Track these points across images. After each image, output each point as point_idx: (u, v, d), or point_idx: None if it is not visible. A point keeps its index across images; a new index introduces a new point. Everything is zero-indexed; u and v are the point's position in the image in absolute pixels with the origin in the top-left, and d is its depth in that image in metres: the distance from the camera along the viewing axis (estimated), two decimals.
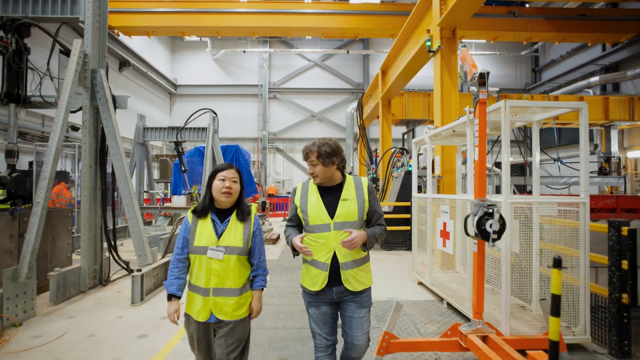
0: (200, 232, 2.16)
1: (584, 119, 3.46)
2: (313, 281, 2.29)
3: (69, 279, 4.93)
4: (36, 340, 3.59)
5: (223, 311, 2.13)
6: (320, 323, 2.33)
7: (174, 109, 23.24)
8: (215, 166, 2.26)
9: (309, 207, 2.31)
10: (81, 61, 5.07)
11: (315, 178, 2.33)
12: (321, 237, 2.27)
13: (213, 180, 2.19)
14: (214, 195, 2.18)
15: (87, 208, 5.30)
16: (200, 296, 2.13)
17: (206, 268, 2.13)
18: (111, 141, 5.27)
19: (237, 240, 2.16)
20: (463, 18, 6.34)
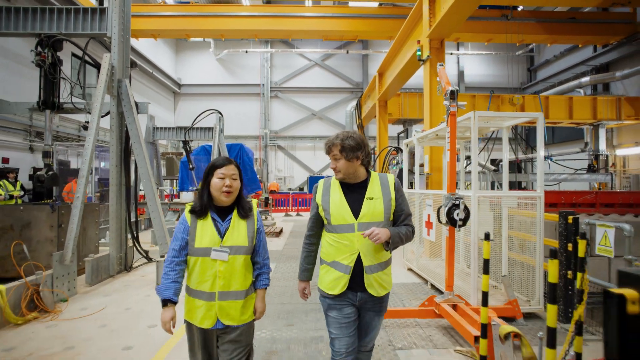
0: (201, 233, 2.00)
1: (540, 127, 4.14)
2: (333, 284, 2.14)
3: (101, 264, 5.64)
4: (83, 312, 4.30)
5: (230, 316, 2.01)
6: (344, 327, 2.15)
7: (178, 107, 23.89)
8: (213, 161, 2.07)
9: (332, 206, 2.15)
10: (109, 72, 5.75)
11: (337, 173, 2.18)
12: (344, 237, 2.12)
13: (211, 178, 2.02)
14: (212, 193, 2.01)
15: (114, 202, 6.00)
16: (204, 301, 1.98)
17: (210, 271, 1.98)
18: (135, 143, 5.96)
19: (241, 239, 2.03)
20: (450, 30, 7.00)
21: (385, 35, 16.35)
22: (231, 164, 2.06)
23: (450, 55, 24.17)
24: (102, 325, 3.95)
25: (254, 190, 14.32)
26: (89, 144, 5.24)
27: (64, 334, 3.69)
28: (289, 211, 17.32)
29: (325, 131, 23.74)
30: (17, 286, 4.03)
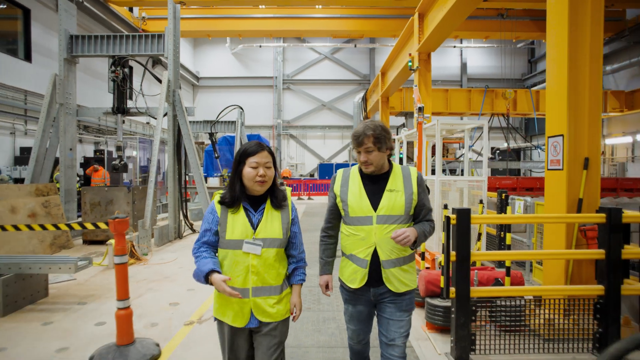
0: (232, 224, 1.84)
1: (485, 132, 5.77)
2: (352, 277, 2.09)
3: (163, 231, 7.48)
4: (162, 260, 6.15)
5: (266, 312, 1.86)
6: (355, 320, 2.17)
7: (196, 99, 25.63)
8: (244, 147, 1.88)
9: (350, 196, 2.09)
10: (167, 85, 7.49)
11: (368, 167, 2.07)
12: (361, 230, 2.05)
13: (243, 166, 1.84)
14: (245, 183, 1.85)
15: (171, 185, 7.81)
16: (237, 299, 1.82)
17: (242, 265, 1.83)
18: (186, 139, 7.73)
19: (275, 231, 1.87)
20: (435, 45, 8.55)
21: (389, 33, 17.81)
22: (264, 151, 1.86)
23: (453, 48, 25.39)
24: (179, 267, 5.79)
25: None
26: (156, 140, 7.02)
27: (157, 270, 5.53)
28: (301, 195, 19.14)
29: (334, 121, 25.34)
30: None
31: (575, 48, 3.57)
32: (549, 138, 3.73)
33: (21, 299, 4.00)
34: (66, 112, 7.60)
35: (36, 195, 6.51)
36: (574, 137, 3.54)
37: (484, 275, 3.64)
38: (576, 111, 3.55)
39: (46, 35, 11.69)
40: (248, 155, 1.83)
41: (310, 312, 4.05)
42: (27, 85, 10.76)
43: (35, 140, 7.26)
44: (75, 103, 7.83)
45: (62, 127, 7.55)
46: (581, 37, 3.57)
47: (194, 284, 5.06)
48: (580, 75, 3.56)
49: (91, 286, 4.82)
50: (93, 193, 7.26)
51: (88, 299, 4.33)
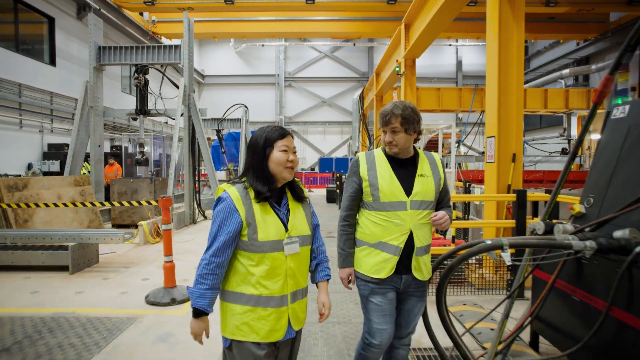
0: (263, 223, 1.57)
1: (453, 131, 6.88)
2: (378, 267, 1.98)
3: (180, 217, 8.65)
4: (182, 240, 7.32)
5: (299, 319, 1.67)
6: (388, 314, 2.02)
7: (202, 96, 26.75)
8: (268, 132, 1.64)
9: (380, 180, 1.99)
10: (183, 89, 8.61)
11: (392, 147, 2.00)
12: (396, 216, 1.96)
13: (270, 151, 1.61)
14: (273, 169, 1.61)
15: (187, 177, 8.97)
16: (273, 309, 1.57)
17: (281, 269, 1.58)
18: (200, 137, 8.87)
19: (304, 227, 1.69)
20: (419, 52, 9.62)
21: (385, 34, 18.80)
22: (290, 135, 1.68)
23: (449, 47, 26.32)
24: (197, 245, 6.97)
25: None
26: (175, 138, 8.17)
27: (180, 247, 6.70)
28: None
29: (334, 117, 26.43)
30: (148, 223, 7.05)
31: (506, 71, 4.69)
32: (487, 138, 4.85)
33: (82, 263, 5.19)
34: (95, 114, 8.74)
35: (75, 185, 7.68)
36: (505, 137, 4.66)
37: (435, 243, 4.78)
38: (506, 118, 4.68)
39: (68, 41, 12.82)
40: (277, 138, 1.62)
41: None
42: (52, 87, 11.91)
43: (72, 138, 8.42)
44: (102, 105, 8.97)
45: (92, 127, 8.70)
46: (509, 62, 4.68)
47: None
48: (508, 93, 4.68)
49: (130, 257, 5.99)
50: (120, 184, 8.43)
51: (130, 265, 5.51)
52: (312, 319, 3.68)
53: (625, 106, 2.82)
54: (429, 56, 25.60)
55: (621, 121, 2.80)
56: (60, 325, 3.48)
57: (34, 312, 3.79)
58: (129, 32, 16.10)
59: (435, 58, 26.07)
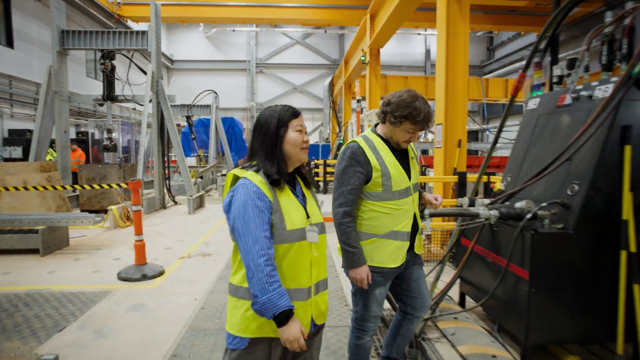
0: (288, 209, 1.45)
1: None
2: (393, 256, 1.96)
3: (150, 202, 8.80)
4: (152, 224, 7.51)
5: (321, 312, 1.57)
6: (382, 302, 2.07)
7: (171, 81, 26.24)
8: (279, 110, 1.50)
9: (390, 169, 1.92)
10: (151, 76, 8.66)
11: (406, 144, 2.00)
12: (405, 203, 1.95)
13: (285, 131, 1.48)
14: (289, 151, 1.48)
15: (156, 163, 9.08)
16: (300, 302, 1.45)
17: (307, 258, 1.48)
18: (168, 123, 8.97)
19: (319, 215, 1.59)
20: (383, 42, 10.01)
21: (355, 22, 18.93)
22: (301, 114, 1.56)
23: (418, 36, 26.88)
24: (167, 228, 7.19)
25: (244, 156, 17.47)
26: (143, 124, 8.26)
27: (150, 230, 6.90)
28: None
29: (305, 104, 26.60)
30: (118, 207, 7.20)
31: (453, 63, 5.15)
32: (436, 125, 5.32)
33: (52, 245, 5.35)
34: (60, 99, 8.65)
35: (41, 172, 7.67)
36: (451, 124, 5.14)
37: None
38: (452, 107, 5.15)
39: (26, 22, 12.37)
40: (291, 117, 1.50)
41: None
42: (10, 70, 11.52)
43: (36, 124, 8.34)
44: (67, 90, 8.88)
45: (57, 112, 8.62)
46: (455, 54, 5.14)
47: (182, 236, 6.49)
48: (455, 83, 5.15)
49: (100, 240, 6.17)
50: (88, 170, 8.46)
51: (101, 247, 5.71)
52: None
53: (536, 99, 3.31)
54: (399, 45, 26.12)
55: (533, 112, 3.28)
56: (35, 300, 3.71)
57: (8, 289, 3.99)
58: (93, 14, 15.64)
59: (404, 47, 26.60)
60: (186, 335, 3.04)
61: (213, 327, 3.19)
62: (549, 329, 2.51)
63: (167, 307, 3.58)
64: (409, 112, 1.89)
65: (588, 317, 2.52)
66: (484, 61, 28.29)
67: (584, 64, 2.93)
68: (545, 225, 2.52)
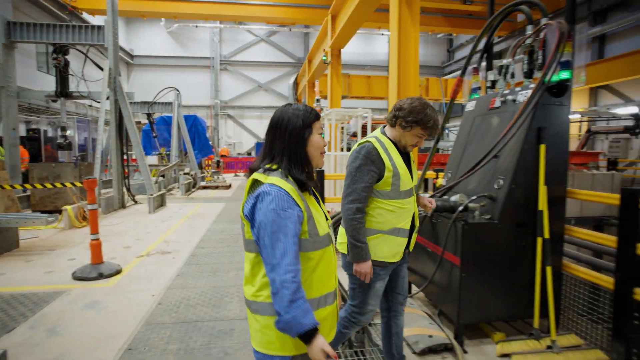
0: (316, 214, 1.41)
1: (369, 119, 7.59)
2: (394, 251, 2.09)
3: (109, 201, 8.59)
4: (110, 224, 7.36)
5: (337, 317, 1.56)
6: (380, 296, 2.20)
7: (131, 77, 25.39)
8: (302, 110, 1.41)
9: (400, 169, 2.05)
10: (108, 72, 8.44)
11: (412, 148, 2.13)
12: (408, 202, 2.10)
13: (309, 134, 1.40)
14: (312, 154, 1.42)
15: (115, 161, 8.87)
16: (331, 306, 1.46)
17: (333, 264, 1.47)
18: (127, 121, 8.78)
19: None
20: (344, 43, 10.26)
21: (319, 22, 19.11)
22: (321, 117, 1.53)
23: (381, 36, 27.47)
24: (126, 227, 7.08)
25: (207, 155, 17.27)
26: (101, 122, 8.05)
27: (108, 230, 6.78)
28: (238, 172, 20.48)
29: (270, 102, 26.55)
30: (74, 207, 7.00)
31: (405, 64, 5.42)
32: None
33: (0, 247, 5.16)
34: (8, 95, 8.25)
35: None
36: None
37: None
38: None
39: None
40: (314, 119, 1.42)
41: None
42: None
43: None
44: (15, 85, 8.48)
45: (4, 109, 8.21)
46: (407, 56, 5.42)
47: (142, 235, 6.43)
48: (407, 83, 5.43)
49: (54, 241, 6.00)
50: (41, 169, 8.15)
51: (55, 248, 5.56)
52: (229, 284, 4.19)
53: (473, 101, 3.61)
54: (363, 44, 26.60)
55: (470, 113, 3.58)
56: None
57: None
58: (44, 4, 14.90)
59: (368, 46, 27.11)
60: (142, 329, 3.10)
61: (169, 320, 3.27)
62: (478, 310, 2.79)
63: (123, 303, 3.61)
64: (421, 118, 2.02)
65: (511, 297, 2.83)
66: (445, 62, 29.35)
67: (510, 71, 3.24)
68: (475, 217, 2.80)
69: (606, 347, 2.58)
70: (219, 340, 2.98)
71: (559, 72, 2.70)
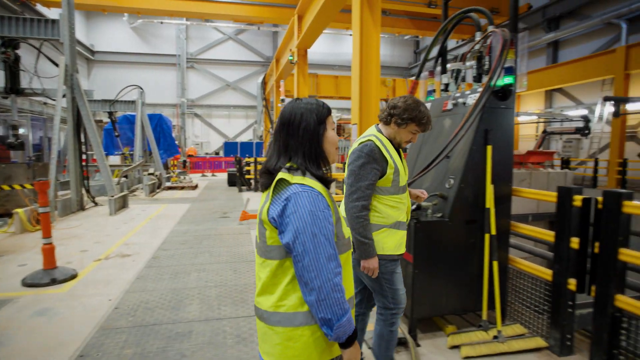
0: (339, 215, 1.35)
1: (334, 118, 7.67)
2: (399, 243, 2.17)
3: (66, 203, 8.23)
4: (68, 227, 7.07)
5: None
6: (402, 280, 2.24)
7: (92, 74, 24.36)
8: (314, 104, 1.33)
9: (400, 167, 2.13)
10: (64, 69, 8.08)
11: (407, 144, 2.22)
12: (405, 197, 2.20)
13: (324, 130, 1.32)
14: (328, 150, 1.34)
15: (72, 162, 8.50)
16: (352, 311, 1.37)
17: (351, 264, 1.40)
18: (86, 120, 8.44)
19: None
20: (310, 43, 10.29)
21: (287, 21, 19.09)
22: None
23: (350, 37, 27.73)
24: (85, 230, 6.82)
25: (173, 154, 16.85)
26: (57, 120, 7.69)
27: (65, 233, 6.50)
28: (205, 172, 20.09)
29: (238, 101, 26.26)
30: (26, 210, 6.67)
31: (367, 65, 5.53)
32: (352, 125, 5.69)
33: None
34: None
35: None
36: (366, 124, 5.52)
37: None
38: (367, 107, 5.54)
39: None
40: (327, 114, 1.35)
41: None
42: None
43: None
44: None
45: None
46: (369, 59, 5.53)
47: (101, 238, 6.22)
48: (369, 85, 5.54)
49: (3, 246, 5.69)
50: None
51: (5, 254, 5.28)
52: (190, 285, 4.14)
53: (429, 103, 3.74)
54: (331, 45, 26.77)
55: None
56: None
57: None
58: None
59: (337, 47, 27.31)
60: (96, 335, 3.02)
61: (126, 325, 3.19)
62: (431, 304, 2.91)
63: (77, 309, 3.49)
64: (415, 115, 2.11)
65: (463, 291, 2.96)
66: (411, 63, 29.99)
67: (461, 75, 3.39)
68: (428, 215, 2.91)
69: (545, 334, 2.76)
70: (176, 342, 2.94)
71: (503, 77, 2.86)
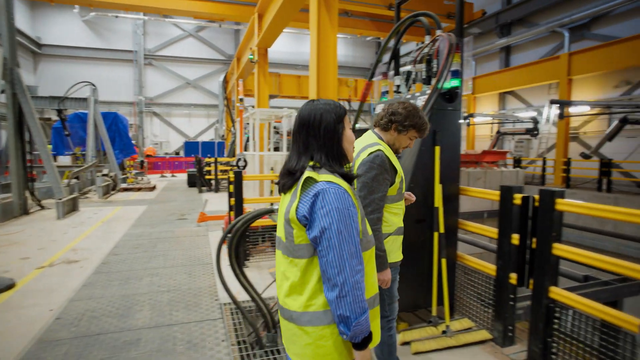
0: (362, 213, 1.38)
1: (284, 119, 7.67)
2: (400, 249, 2.20)
3: (7, 207, 7.67)
4: (8, 232, 6.59)
5: None
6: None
7: (39, 69, 22.87)
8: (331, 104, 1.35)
9: (402, 173, 2.16)
10: (2, 62, 7.53)
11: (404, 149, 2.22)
12: (403, 203, 2.22)
13: (343, 129, 1.35)
14: (346, 150, 1.36)
15: (14, 163, 7.94)
16: (377, 308, 1.40)
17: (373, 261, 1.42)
18: (29, 118, 7.91)
19: None
20: (270, 42, 10.19)
21: (248, 19, 18.93)
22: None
23: None
24: (28, 235, 6.39)
25: (130, 155, 16.18)
26: None
27: (5, 239, 6.06)
28: (165, 172, 19.44)
29: (200, 100, 25.62)
30: None
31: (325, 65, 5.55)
32: None
33: None
34: None
35: None
36: None
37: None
38: None
39: None
40: (344, 113, 1.36)
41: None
42: None
43: None
44: None
45: None
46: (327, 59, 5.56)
47: (45, 244, 5.85)
48: (327, 85, 5.56)
49: None
50: None
51: None
52: (141, 291, 3.98)
53: (382, 104, 3.80)
54: (294, 44, 26.69)
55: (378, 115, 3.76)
56: None
57: None
58: None
59: (300, 46, 27.26)
60: (32, 349, 2.82)
61: (67, 336, 3.01)
62: None
63: (12, 322, 3.25)
64: (416, 122, 2.12)
65: (414, 288, 3.03)
66: (373, 64, 30.45)
67: (412, 76, 3.47)
68: None
69: (490, 327, 2.88)
70: (123, 352, 2.81)
71: (450, 79, 2.95)
